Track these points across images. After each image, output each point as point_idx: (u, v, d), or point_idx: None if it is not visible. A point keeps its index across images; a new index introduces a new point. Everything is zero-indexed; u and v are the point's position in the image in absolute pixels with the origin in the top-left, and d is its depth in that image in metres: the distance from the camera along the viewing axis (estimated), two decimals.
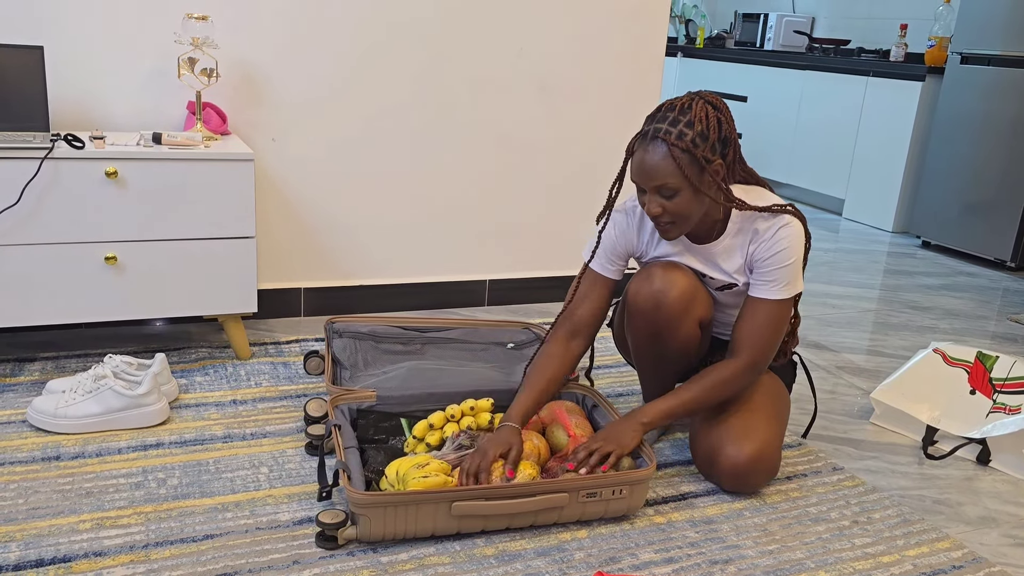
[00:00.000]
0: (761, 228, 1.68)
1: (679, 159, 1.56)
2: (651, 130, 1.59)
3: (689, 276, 1.74)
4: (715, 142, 1.59)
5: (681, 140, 1.56)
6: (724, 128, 1.62)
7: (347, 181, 2.57)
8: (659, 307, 1.73)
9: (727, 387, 1.72)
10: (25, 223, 1.91)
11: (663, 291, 1.72)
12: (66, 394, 1.84)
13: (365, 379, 2.03)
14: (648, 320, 1.76)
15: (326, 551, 1.48)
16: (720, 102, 1.64)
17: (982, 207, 4.01)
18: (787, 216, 1.68)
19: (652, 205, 1.62)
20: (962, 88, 4.09)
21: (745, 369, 1.71)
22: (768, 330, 1.70)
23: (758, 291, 1.70)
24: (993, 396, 2.04)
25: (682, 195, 1.59)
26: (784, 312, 1.70)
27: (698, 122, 1.57)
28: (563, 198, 2.85)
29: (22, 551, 1.42)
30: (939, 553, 1.62)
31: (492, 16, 2.60)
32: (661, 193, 1.60)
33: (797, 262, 1.67)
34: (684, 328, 1.75)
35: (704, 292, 1.77)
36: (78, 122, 2.23)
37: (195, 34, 2.14)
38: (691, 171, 1.58)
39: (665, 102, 1.64)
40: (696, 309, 1.75)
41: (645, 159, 1.59)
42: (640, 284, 1.76)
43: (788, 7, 5.90)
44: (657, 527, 1.63)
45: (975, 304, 3.34)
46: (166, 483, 1.66)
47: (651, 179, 1.59)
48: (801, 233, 1.68)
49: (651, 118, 1.62)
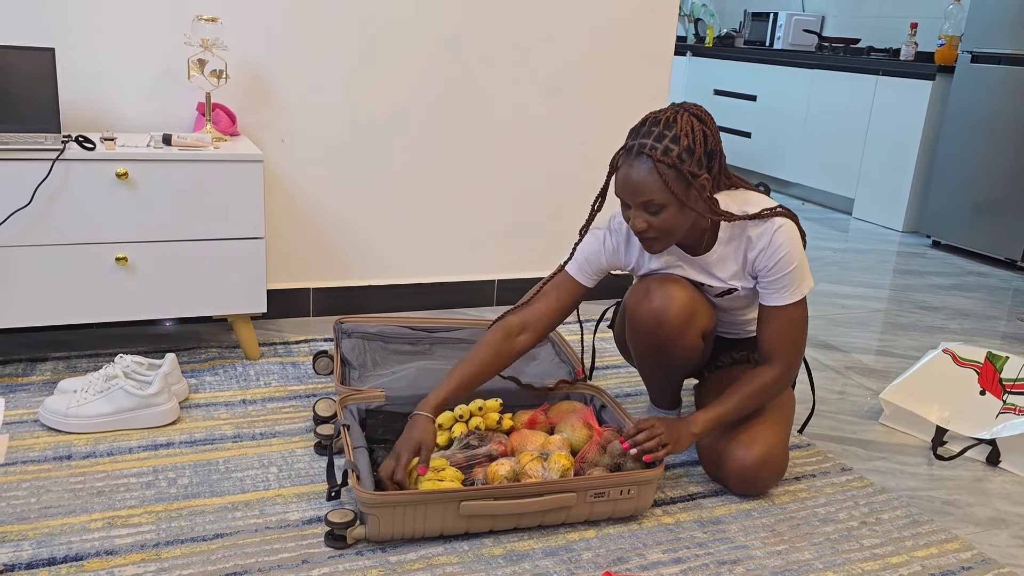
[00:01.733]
0: (754, 235, 1.66)
1: (665, 175, 1.53)
2: (636, 145, 1.56)
3: (687, 289, 1.73)
4: (701, 156, 1.56)
5: (667, 156, 1.53)
6: (710, 141, 1.58)
7: (356, 181, 2.57)
8: (660, 324, 1.72)
9: (768, 393, 1.72)
10: (37, 224, 1.92)
11: (663, 308, 1.71)
12: (77, 394, 1.85)
13: (374, 379, 2.04)
14: (650, 336, 1.75)
15: (335, 550, 1.49)
16: (705, 114, 1.60)
17: (993, 206, 3.99)
18: (778, 219, 1.65)
19: (638, 221, 1.58)
20: (972, 87, 4.07)
21: (783, 374, 1.71)
22: (792, 333, 1.70)
23: (772, 300, 1.69)
24: (1003, 397, 2.03)
25: (668, 211, 1.56)
26: (802, 312, 1.70)
27: (684, 136, 1.54)
28: (572, 197, 2.85)
29: (35, 549, 1.43)
30: (948, 554, 1.61)
31: (501, 16, 2.60)
32: (647, 209, 1.57)
33: (801, 262, 1.67)
34: (687, 341, 1.75)
35: (704, 302, 1.76)
36: (89, 123, 2.25)
37: (205, 35, 2.15)
38: (677, 187, 1.54)
39: (649, 115, 1.60)
40: (697, 321, 1.74)
41: (630, 175, 1.56)
42: (639, 301, 1.75)
43: (798, 6, 5.88)
44: (665, 527, 1.63)
45: (985, 304, 3.32)
46: (176, 482, 1.67)
47: (637, 195, 1.56)
48: (795, 232, 1.66)
49: (635, 132, 1.58)
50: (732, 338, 1.94)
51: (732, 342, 1.94)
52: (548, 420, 1.83)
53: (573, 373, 2.11)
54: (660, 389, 1.94)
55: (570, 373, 2.13)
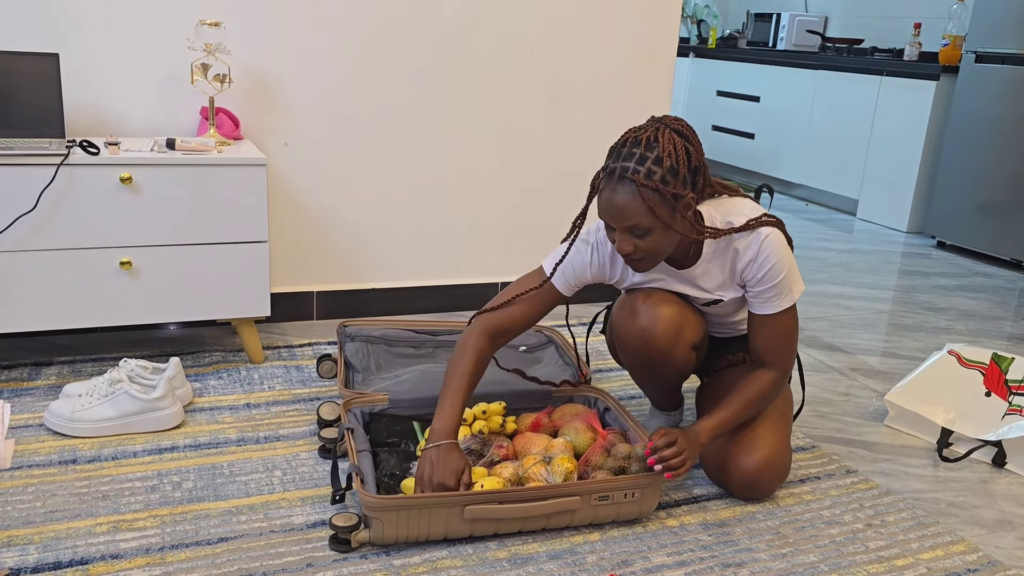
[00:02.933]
0: (741, 247, 1.64)
1: (649, 199, 1.48)
2: (618, 168, 1.50)
3: (673, 304, 1.71)
4: (685, 175, 1.52)
5: (650, 179, 1.47)
6: (693, 158, 1.54)
7: (359, 184, 2.58)
8: (647, 344, 1.71)
9: (767, 398, 1.71)
10: (41, 229, 1.93)
11: (649, 328, 1.70)
12: (82, 398, 1.85)
13: (377, 382, 2.04)
14: (639, 355, 1.75)
15: (339, 554, 1.49)
16: (686, 128, 1.55)
17: (998, 207, 3.98)
18: (764, 229, 1.62)
19: (623, 244, 1.54)
20: (976, 87, 4.07)
21: (780, 378, 1.71)
22: (784, 339, 1.70)
23: (763, 309, 1.68)
24: (1009, 398, 2.03)
25: (654, 234, 1.52)
26: (792, 317, 1.69)
27: (667, 157, 1.48)
28: (575, 200, 2.85)
29: (40, 553, 1.43)
30: (954, 556, 1.61)
31: (504, 18, 2.61)
32: (632, 232, 1.53)
33: (790, 270, 1.64)
34: (677, 356, 1.74)
35: (691, 315, 1.74)
36: (93, 128, 2.26)
37: (208, 40, 2.15)
38: (662, 211, 1.49)
39: (628, 133, 1.54)
40: (686, 336, 1.72)
41: (614, 199, 1.50)
42: (625, 319, 1.73)
43: (801, 6, 5.88)
44: (669, 530, 1.63)
45: (991, 305, 3.31)
46: (181, 486, 1.67)
47: (621, 220, 1.51)
48: (782, 240, 1.63)
49: (616, 154, 1.53)
50: (725, 337, 1.93)
51: (726, 341, 1.93)
52: (552, 423, 1.83)
53: (577, 375, 2.11)
54: (658, 396, 1.94)
55: (574, 375, 2.12)
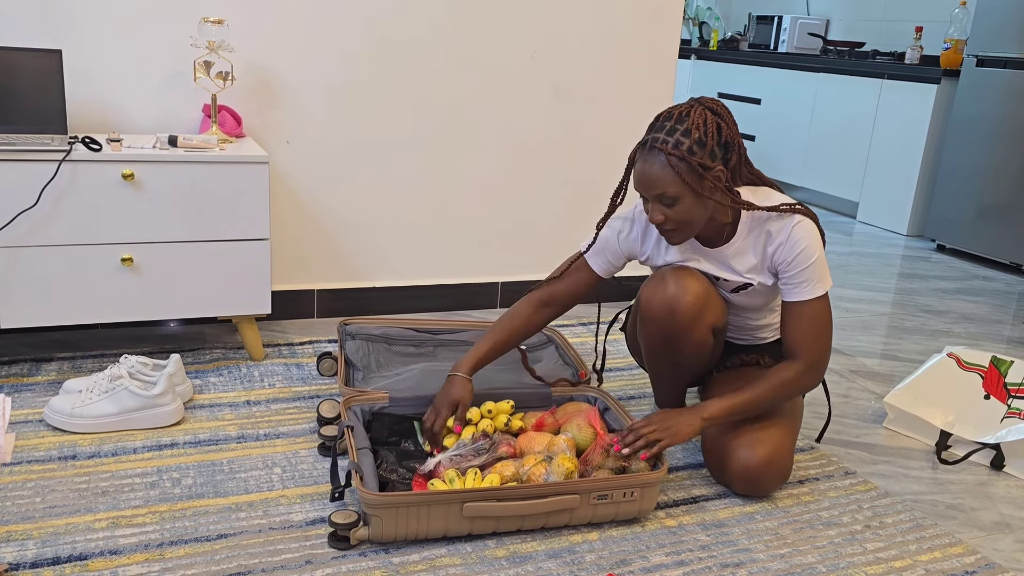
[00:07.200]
0: (774, 229, 1.68)
1: (676, 167, 1.56)
2: (649, 139, 1.60)
3: (702, 281, 1.74)
4: (714, 148, 1.59)
5: (677, 149, 1.56)
6: (724, 133, 1.61)
7: (361, 183, 2.58)
8: (672, 313, 1.73)
9: (789, 388, 1.70)
10: (43, 225, 1.93)
11: (676, 297, 1.72)
12: (82, 394, 1.86)
13: (378, 381, 2.04)
14: (661, 326, 1.76)
15: (338, 551, 1.49)
16: (721, 107, 1.63)
17: (998, 210, 3.99)
18: (798, 215, 1.67)
19: (655, 213, 1.62)
20: (978, 91, 4.07)
21: (806, 370, 1.70)
22: (816, 328, 1.69)
23: (793, 295, 1.69)
24: (1007, 401, 2.03)
25: (683, 202, 1.60)
26: (825, 308, 1.69)
27: (695, 129, 1.57)
28: (576, 200, 2.86)
29: (39, 549, 1.44)
30: (952, 558, 1.61)
31: (506, 19, 2.61)
32: (662, 201, 1.61)
33: (820, 257, 1.67)
34: (697, 334, 1.75)
35: (717, 298, 1.77)
36: (95, 125, 2.26)
37: (211, 38, 2.16)
38: (690, 178, 1.57)
39: (664, 110, 1.64)
40: (709, 314, 1.75)
41: (644, 169, 1.60)
42: (653, 290, 1.76)
43: (802, 9, 5.88)
44: (668, 530, 1.63)
45: (990, 308, 3.32)
46: (180, 483, 1.67)
47: (651, 188, 1.60)
48: (815, 229, 1.68)
49: (651, 128, 1.63)
50: (743, 344, 1.94)
51: (743, 348, 1.94)
52: (556, 422, 1.84)
53: (576, 375, 2.12)
54: (666, 390, 1.94)
55: (573, 375, 2.13)
